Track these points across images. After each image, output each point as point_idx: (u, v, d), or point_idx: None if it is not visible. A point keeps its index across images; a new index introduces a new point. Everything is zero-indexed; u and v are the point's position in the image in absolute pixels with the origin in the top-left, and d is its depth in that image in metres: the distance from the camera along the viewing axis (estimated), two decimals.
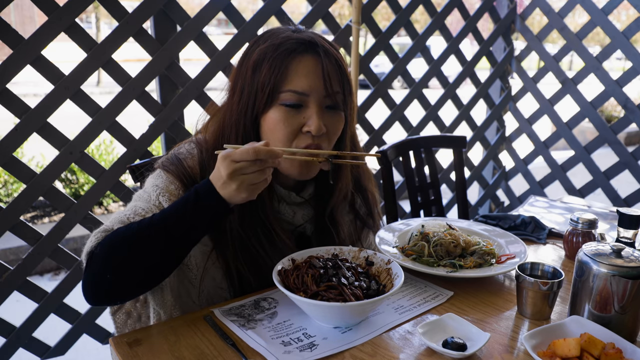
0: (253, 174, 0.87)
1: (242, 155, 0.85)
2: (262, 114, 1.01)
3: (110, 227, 0.95)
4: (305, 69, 0.97)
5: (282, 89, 0.98)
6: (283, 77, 0.97)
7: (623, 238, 1.17)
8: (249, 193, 0.89)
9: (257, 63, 0.99)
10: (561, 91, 2.88)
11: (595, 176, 2.84)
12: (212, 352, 0.88)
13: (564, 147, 3.86)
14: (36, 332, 1.88)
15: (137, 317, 1.14)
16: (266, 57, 0.98)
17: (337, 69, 1.01)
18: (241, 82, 1.02)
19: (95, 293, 0.92)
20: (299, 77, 0.97)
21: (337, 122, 1.04)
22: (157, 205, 1.00)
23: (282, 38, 0.99)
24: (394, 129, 2.62)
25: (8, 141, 1.65)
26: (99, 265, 0.90)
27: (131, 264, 0.90)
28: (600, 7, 2.64)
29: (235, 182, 0.87)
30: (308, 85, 0.98)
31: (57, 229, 1.81)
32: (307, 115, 0.99)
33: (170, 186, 1.03)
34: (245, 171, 0.86)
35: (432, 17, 2.58)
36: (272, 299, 1.04)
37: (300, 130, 1.00)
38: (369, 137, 2.52)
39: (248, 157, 0.85)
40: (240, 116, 1.02)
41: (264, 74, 0.97)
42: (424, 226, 1.27)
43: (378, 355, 0.87)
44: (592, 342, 0.82)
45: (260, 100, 0.99)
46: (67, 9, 1.64)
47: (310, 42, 0.99)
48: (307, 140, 1.00)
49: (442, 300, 1.06)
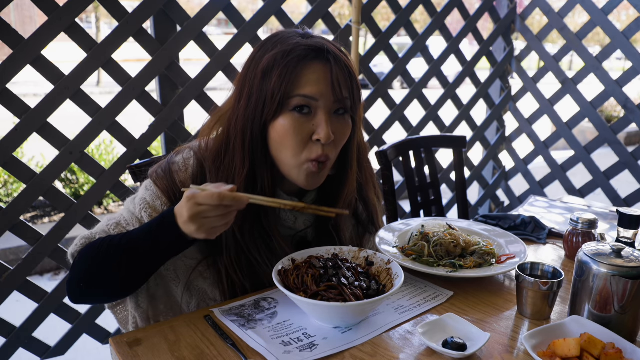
0: (214, 218, 0.87)
1: (206, 199, 0.85)
2: (271, 122, 1.00)
3: (92, 236, 1.02)
4: (314, 75, 0.97)
5: (292, 94, 0.97)
6: (293, 84, 0.97)
7: (623, 238, 1.17)
8: (208, 234, 0.90)
9: (266, 69, 0.97)
10: (561, 91, 2.88)
11: (595, 176, 2.84)
12: (212, 352, 0.88)
13: (564, 147, 3.86)
14: (36, 332, 1.88)
15: None
16: (276, 63, 0.97)
17: (347, 75, 1.00)
18: (249, 88, 1.00)
19: (73, 295, 1.00)
20: (308, 84, 0.97)
21: (344, 127, 1.03)
22: (140, 218, 1.04)
23: (292, 45, 0.98)
24: (394, 129, 2.62)
25: (8, 141, 1.65)
26: (75, 272, 0.98)
27: (101, 276, 0.97)
28: (600, 7, 2.64)
29: (195, 225, 0.87)
30: (318, 91, 0.97)
31: (57, 229, 1.81)
32: (316, 122, 0.99)
33: (156, 202, 1.04)
34: (207, 215, 0.87)
35: (432, 17, 2.59)
36: (272, 299, 1.04)
37: (310, 138, 0.99)
38: (369, 137, 2.52)
39: (212, 202, 0.85)
40: (247, 122, 1.01)
41: (274, 81, 0.96)
42: (424, 226, 1.27)
43: (378, 355, 0.87)
44: (592, 342, 0.82)
45: (269, 107, 0.98)
46: (67, 9, 1.64)
47: (320, 48, 0.98)
48: (318, 150, 1.00)
49: (442, 300, 1.06)
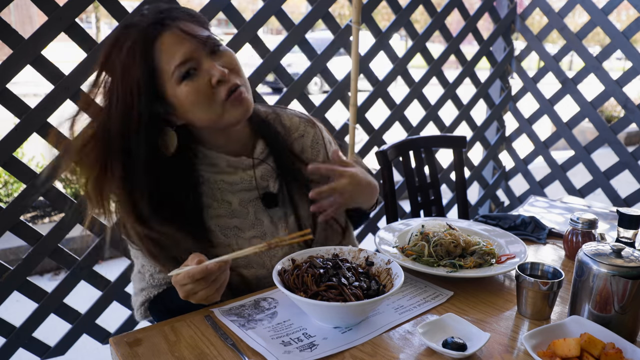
0: (203, 291, 0.93)
1: (185, 279, 0.92)
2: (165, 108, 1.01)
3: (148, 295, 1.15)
4: (171, 45, 0.97)
5: (169, 70, 0.97)
6: (160, 61, 0.97)
7: (623, 238, 1.17)
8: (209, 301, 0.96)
9: (125, 67, 0.96)
10: (561, 91, 2.88)
11: (595, 176, 2.84)
12: (212, 352, 0.88)
13: (564, 147, 3.86)
14: (36, 332, 1.88)
15: None
16: (134, 56, 0.96)
17: (191, 21, 1.01)
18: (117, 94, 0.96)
19: None
20: (172, 53, 0.97)
21: (229, 58, 1.04)
22: None
23: (134, 35, 0.96)
24: (394, 129, 2.62)
25: (8, 141, 1.65)
26: None
27: None
28: (600, 7, 2.63)
29: (193, 299, 0.95)
30: (185, 51, 0.97)
31: (57, 229, 1.81)
32: (205, 71, 0.99)
33: None
34: (195, 290, 0.93)
35: (432, 17, 2.58)
36: (272, 299, 1.04)
37: (210, 85, 1.00)
38: (369, 137, 2.52)
39: (189, 281, 0.92)
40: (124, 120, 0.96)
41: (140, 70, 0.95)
42: (424, 226, 1.27)
43: (378, 355, 0.87)
44: (592, 342, 0.82)
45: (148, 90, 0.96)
46: (67, 9, 1.64)
47: (154, 24, 0.97)
48: (224, 88, 1.00)
49: (442, 300, 1.06)
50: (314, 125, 1.26)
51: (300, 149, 1.22)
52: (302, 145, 1.22)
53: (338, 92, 2.34)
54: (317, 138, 1.25)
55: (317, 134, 1.25)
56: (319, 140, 1.25)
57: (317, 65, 2.24)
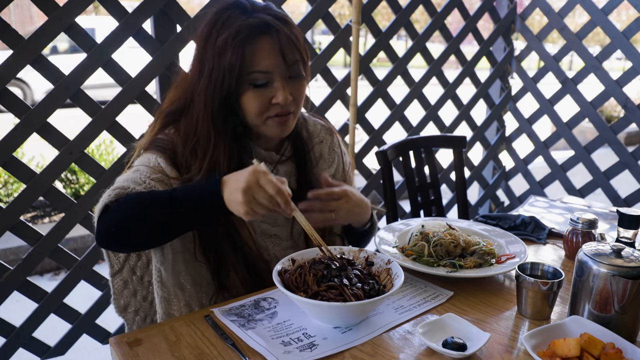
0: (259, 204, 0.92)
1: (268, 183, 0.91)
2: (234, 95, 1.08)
3: (127, 186, 1.03)
4: (264, 50, 1.05)
5: (249, 70, 1.05)
6: (247, 60, 1.04)
7: (623, 238, 1.17)
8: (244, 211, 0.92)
9: (221, 51, 1.04)
10: (561, 91, 2.88)
11: (595, 176, 2.84)
12: (212, 352, 0.88)
13: (564, 147, 3.86)
14: (36, 332, 1.88)
15: (143, 316, 1.23)
16: (227, 44, 1.04)
17: (292, 40, 1.08)
18: (208, 68, 1.07)
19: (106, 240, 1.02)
20: (260, 59, 1.05)
21: (300, 87, 1.12)
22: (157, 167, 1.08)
23: (237, 27, 1.04)
24: (394, 129, 2.62)
25: (8, 141, 1.65)
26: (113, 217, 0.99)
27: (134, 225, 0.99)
28: (600, 7, 2.64)
29: (245, 197, 0.91)
30: (270, 64, 1.06)
31: (57, 229, 1.81)
32: (274, 89, 1.08)
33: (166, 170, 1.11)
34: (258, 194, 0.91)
35: (432, 17, 2.58)
36: (272, 299, 1.04)
37: (270, 102, 1.08)
38: (369, 137, 2.52)
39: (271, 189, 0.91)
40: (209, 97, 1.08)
41: (229, 60, 1.04)
42: (424, 226, 1.27)
43: (378, 355, 0.87)
44: (592, 342, 0.82)
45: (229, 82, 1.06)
46: (67, 9, 1.64)
47: (264, 24, 1.05)
48: (277, 109, 1.09)
49: (442, 300, 1.06)
50: (332, 133, 1.35)
51: (319, 155, 1.31)
52: (320, 151, 1.31)
53: (338, 92, 2.33)
54: (333, 146, 1.34)
55: (334, 142, 1.34)
56: (335, 148, 1.34)
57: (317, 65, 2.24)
